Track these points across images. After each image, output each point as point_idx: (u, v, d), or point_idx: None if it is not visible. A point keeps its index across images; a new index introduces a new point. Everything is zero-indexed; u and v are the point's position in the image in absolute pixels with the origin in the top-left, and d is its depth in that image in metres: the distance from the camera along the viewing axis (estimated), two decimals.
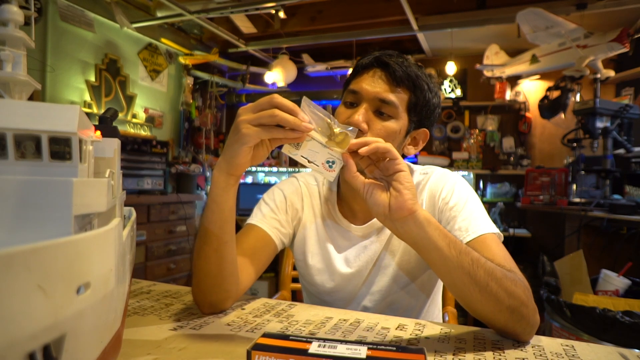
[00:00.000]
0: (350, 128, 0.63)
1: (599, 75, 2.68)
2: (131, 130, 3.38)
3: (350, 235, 0.93)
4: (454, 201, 0.84)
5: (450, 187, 0.87)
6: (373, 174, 0.65)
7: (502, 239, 0.80)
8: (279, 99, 0.61)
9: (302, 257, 0.96)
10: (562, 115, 3.04)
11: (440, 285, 0.99)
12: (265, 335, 0.45)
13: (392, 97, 0.81)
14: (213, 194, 0.68)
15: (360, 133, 0.78)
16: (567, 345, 0.62)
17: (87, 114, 2.73)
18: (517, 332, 0.64)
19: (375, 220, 0.91)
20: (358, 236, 0.92)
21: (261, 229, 0.88)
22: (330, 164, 0.64)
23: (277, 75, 3.84)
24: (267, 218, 0.90)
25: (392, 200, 0.61)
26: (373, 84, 0.81)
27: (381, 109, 0.81)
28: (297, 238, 0.96)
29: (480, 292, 0.63)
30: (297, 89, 4.20)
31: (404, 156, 0.88)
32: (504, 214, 3.40)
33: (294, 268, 1.29)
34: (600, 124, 2.43)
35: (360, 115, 0.79)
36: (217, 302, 0.74)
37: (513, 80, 3.61)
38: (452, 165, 3.76)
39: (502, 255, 0.73)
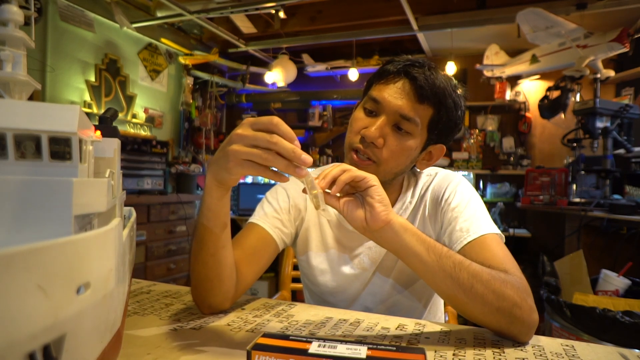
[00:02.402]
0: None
1: (599, 75, 2.68)
2: (131, 130, 3.38)
3: (354, 236, 0.91)
4: (456, 202, 0.84)
5: (452, 188, 0.87)
6: (348, 191, 0.66)
7: (504, 240, 0.80)
8: (281, 124, 0.56)
9: (305, 257, 0.95)
10: (562, 115, 3.04)
11: None
12: (265, 335, 0.45)
13: (413, 114, 0.78)
14: (207, 203, 0.66)
15: (373, 145, 0.78)
16: (567, 345, 0.62)
17: (87, 114, 2.73)
18: (512, 333, 0.64)
19: None
20: (363, 237, 0.91)
21: (262, 229, 0.87)
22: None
23: (277, 75, 3.84)
24: (269, 217, 0.89)
25: (367, 214, 0.63)
26: (396, 97, 0.78)
27: (400, 125, 0.78)
28: (300, 238, 0.95)
29: (466, 294, 0.63)
30: (297, 89, 4.20)
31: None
32: (504, 214, 3.40)
33: (294, 268, 1.29)
34: (600, 124, 2.43)
35: (377, 129, 0.77)
36: (216, 304, 0.73)
37: (513, 80, 3.61)
38: (452, 165, 3.77)
39: (502, 256, 0.73)
